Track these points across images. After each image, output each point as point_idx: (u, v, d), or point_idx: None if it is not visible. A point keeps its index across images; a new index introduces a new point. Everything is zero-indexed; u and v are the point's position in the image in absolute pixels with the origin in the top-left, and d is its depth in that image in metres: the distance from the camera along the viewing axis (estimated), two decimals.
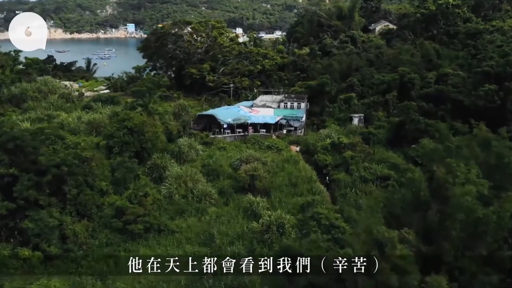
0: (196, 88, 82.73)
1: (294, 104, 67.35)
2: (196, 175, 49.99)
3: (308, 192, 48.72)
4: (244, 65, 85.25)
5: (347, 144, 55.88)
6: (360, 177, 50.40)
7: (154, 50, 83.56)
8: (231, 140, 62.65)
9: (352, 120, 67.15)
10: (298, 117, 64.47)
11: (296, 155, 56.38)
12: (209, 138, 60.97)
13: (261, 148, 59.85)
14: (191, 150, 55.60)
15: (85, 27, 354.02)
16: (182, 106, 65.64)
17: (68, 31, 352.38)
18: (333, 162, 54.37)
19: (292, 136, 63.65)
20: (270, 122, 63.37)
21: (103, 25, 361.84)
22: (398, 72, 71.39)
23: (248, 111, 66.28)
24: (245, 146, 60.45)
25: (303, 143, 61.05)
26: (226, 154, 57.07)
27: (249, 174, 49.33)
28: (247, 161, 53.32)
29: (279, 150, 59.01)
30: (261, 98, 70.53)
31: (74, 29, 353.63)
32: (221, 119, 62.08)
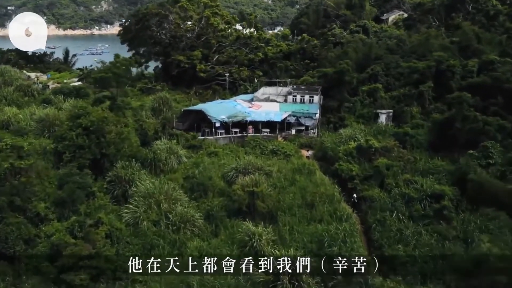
0: (185, 80, 68.83)
1: (305, 97, 53.36)
2: (174, 192, 36.09)
3: (330, 216, 34.71)
4: (242, 53, 71.42)
5: (379, 148, 41.91)
6: (402, 195, 36.35)
7: (135, 34, 69.58)
8: (225, 142, 48.75)
9: (379, 117, 53.22)
10: (311, 113, 50.51)
11: (311, 163, 42.34)
12: (197, 140, 47.00)
13: (263, 153, 45.92)
14: (170, 157, 41.63)
15: (79, 23, 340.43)
16: (163, 99, 51.75)
17: (61, 27, 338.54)
18: (361, 173, 40.41)
19: (303, 137, 49.73)
20: (275, 120, 49.44)
21: (98, 21, 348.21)
22: (434, 59, 57.31)
23: (247, 106, 52.36)
24: (243, 151, 46.52)
25: (318, 147, 47.09)
26: (218, 161, 43.12)
27: (248, 191, 35.40)
28: (245, 171, 39.45)
29: (287, 156, 45.04)
30: (264, 90, 56.58)
31: (68, 25, 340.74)
32: (213, 116, 48.14)
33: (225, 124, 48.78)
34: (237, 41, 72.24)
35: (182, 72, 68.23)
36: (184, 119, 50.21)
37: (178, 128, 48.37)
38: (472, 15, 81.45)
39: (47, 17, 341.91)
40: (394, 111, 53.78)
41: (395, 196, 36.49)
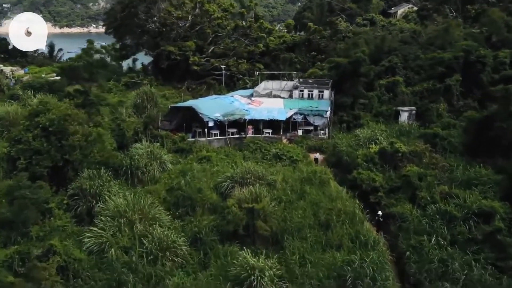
0: (177, 74, 61.27)
1: (313, 92, 45.78)
2: (153, 209, 28.52)
3: (351, 241, 27.10)
4: (241, 44, 63.88)
5: (407, 153, 34.34)
6: (440, 213, 28.73)
7: (120, 22, 61.95)
8: (219, 145, 41.23)
9: (400, 115, 45.71)
10: (321, 111, 42.94)
11: (323, 170, 34.66)
12: (186, 143, 39.42)
13: (265, 158, 38.38)
14: (151, 163, 34.06)
15: (75, 21, 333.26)
16: (148, 95, 44.18)
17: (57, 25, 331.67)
18: (387, 184, 32.84)
19: (311, 139, 42.18)
20: (278, 119, 41.90)
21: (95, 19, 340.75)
22: (461, 49, 49.68)
23: (246, 102, 44.82)
24: (241, 155, 39.01)
25: (331, 151, 39.56)
26: (210, 168, 35.54)
27: (246, 208, 27.84)
28: (243, 181, 31.95)
29: (294, 161, 37.45)
30: (265, 84, 49.05)
31: (64, 23, 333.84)
32: (205, 114, 40.56)
33: (220, 124, 41.24)
34: (235, 31, 64.70)
35: (174, 66, 60.62)
36: (171, 117, 42.65)
37: (164, 128, 40.82)
38: (491, 4, 74.10)
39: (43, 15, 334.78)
40: (417, 108, 46.29)
41: (432, 214, 28.83)
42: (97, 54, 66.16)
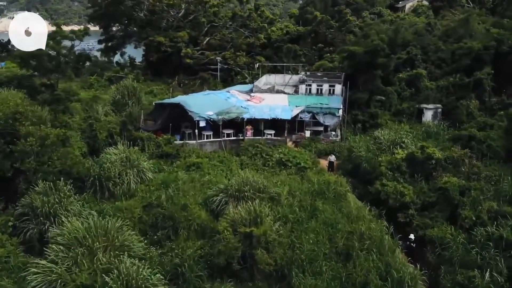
0: (169, 68, 54.87)
1: (323, 87, 39.39)
2: (122, 234, 22.10)
3: (379, 277, 20.69)
4: (240, 35, 57.51)
5: (442, 160, 27.90)
6: (492, 238, 22.33)
7: (104, 10, 55.55)
8: (212, 149, 34.83)
9: (423, 114, 39.33)
10: (332, 108, 36.50)
11: (339, 180, 28.16)
12: (172, 146, 32.96)
13: (267, 165, 32.00)
14: (127, 172, 27.66)
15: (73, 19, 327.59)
16: (129, 90, 37.79)
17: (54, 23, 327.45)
18: (418, 199, 26.44)
19: (321, 141, 35.79)
20: (283, 118, 35.43)
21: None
22: (493, 37, 43.24)
23: (244, 99, 38.42)
24: (238, 161, 32.66)
25: (345, 156, 33.15)
26: (200, 178, 29.11)
27: (243, 233, 21.47)
28: (239, 195, 25.56)
29: (302, 169, 31.05)
30: (267, 79, 42.67)
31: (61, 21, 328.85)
32: (195, 112, 34.11)
33: (213, 124, 34.85)
34: (233, 21, 58.30)
35: (165, 59, 54.23)
36: (156, 116, 36.27)
37: (146, 129, 34.43)
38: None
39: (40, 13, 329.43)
40: (443, 105, 39.91)
41: (481, 239, 22.44)
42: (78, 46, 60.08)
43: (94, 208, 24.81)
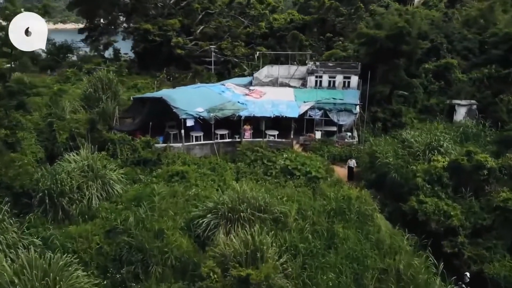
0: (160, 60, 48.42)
1: (336, 79, 33.00)
2: (66, 278, 15.79)
3: None
4: (239, 23, 51.24)
5: (495, 169, 21.55)
6: None
7: None
8: (203, 153, 28.50)
9: (455, 111, 33.00)
10: (348, 104, 30.12)
11: (362, 196, 21.84)
12: (152, 151, 26.58)
13: (269, 174, 25.69)
14: (89, 184, 21.39)
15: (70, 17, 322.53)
16: (104, 82, 31.47)
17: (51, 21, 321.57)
18: (467, 221, 20.14)
19: (335, 144, 29.49)
20: (288, 116, 29.03)
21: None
22: None
23: (242, 93, 32.05)
24: (233, 169, 26.33)
25: (366, 163, 26.80)
26: (184, 191, 22.80)
27: (237, 276, 15.18)
28: (233, 215, 19.35)
29: (313, 179, 24.72)
30: (268, 70, 36.35)
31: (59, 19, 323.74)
32: (181, 108, 27.74)
33: (204, 123, 28.52)
34: (230, 8, 51.98)
35: (154, 50, 47.85)
36: (135, 113, 29.97)
37: (121, 129, 28.13)
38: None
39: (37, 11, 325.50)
40: (477, 101, 33.61)
41: None
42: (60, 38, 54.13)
43: (40, 235, 18.58)
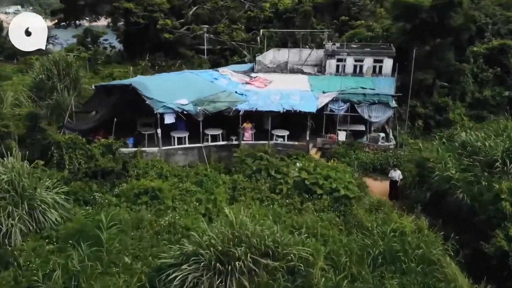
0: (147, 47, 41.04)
1: (364, 63, 25.44)
2: None
3: None
4: (238, 6, 43.86)
5: None
6: None
7: None
8: (187, 161, 21.04)
9: None
10: (383, 96, 22.65)
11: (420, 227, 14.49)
12: (114, 158, 19.07)
13: (278, 190, 18.20)
14: (9, 210, 13.97)
15: None
16: (60, 67, 24.07)
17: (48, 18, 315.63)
18: None
19: (365, 148, 22.07)
20: (303, 110, 21.53)
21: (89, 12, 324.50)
22: None
23: (240, 81, 24.56)
24: (228, 184, 18.85)
25: (414, 175, 19.29)
26: (154, 219, 15.40)
27: None
28: (224, 266, 11.85)
29: (341, 199, 17.24)
30: (275, 54, 28.87)
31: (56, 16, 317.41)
32: (156, 100, 20.29)
33: (188, 119, 21.06)
34: None
35: (139, 35, 40.54)
36: (97, 107, 22.45)
37: (76, 127, 20.73)
38: None
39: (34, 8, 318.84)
40: None
41: None
42: None
43: None
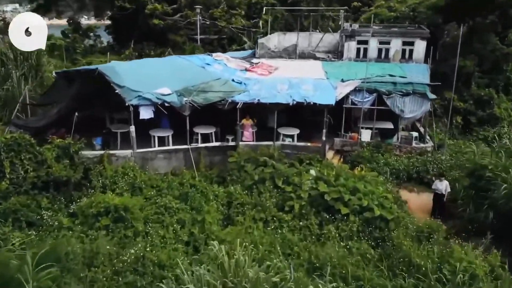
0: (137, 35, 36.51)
1: (391, 45, 20.77)
2: None
3: None
4: None
5: None
6: None
7: None
8: (170, 167, 16.43)
9: None
10: (419, 85, 18.00)
11: (491, 263, 10.00)
12: (76, 163, 14.50)
13: (288, 207, 13.62)
14: None
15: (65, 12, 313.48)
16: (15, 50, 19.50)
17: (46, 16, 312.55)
18: None
19: (395, 151, 17.48)
20: (318, 103, 16.89)
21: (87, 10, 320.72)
22: None
23: (239, 67, 19.97)
24: (222, 198, 14.23)
25: (466, 189, 14.66)
26: (117, 251, 10.84)
27: None
28: None
29: (375, 222, 12.64)
30: (279, 40, 24.24)
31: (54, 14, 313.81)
32: (128, 88, 15.68)
33: (173, 114, 16.46)
34: None
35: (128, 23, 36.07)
36: (56, 97, 17.77)
37: (27, 124, 16.17)
38: None
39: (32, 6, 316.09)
40: None
41: None
42: None
43: None
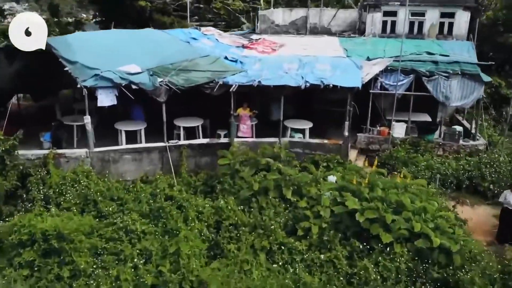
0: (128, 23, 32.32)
1: (426, 17, 16.57)
2: None
3: None
4: None
5: None
6: None
7: None
8: (141, 171, 12.27)
9: None
10: (469, 65, 13.87)
11: None
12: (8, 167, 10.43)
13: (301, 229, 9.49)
14: None
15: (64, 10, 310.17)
16: None
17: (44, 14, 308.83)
18: None
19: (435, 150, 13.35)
20: (340, 85, 12.66)
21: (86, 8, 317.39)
22: None
23: (234, 43, 15.84)
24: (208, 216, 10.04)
25: None
26: None
27: None
28: None
29: (433, 257, 8.53)
30: (284, 16, 20.07)
31: None
32: (81, 65, 11.56)
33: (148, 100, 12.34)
34: None
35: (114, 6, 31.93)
36: None
37: None
38: None
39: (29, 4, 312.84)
40: None
41: None
42: None
43: None
